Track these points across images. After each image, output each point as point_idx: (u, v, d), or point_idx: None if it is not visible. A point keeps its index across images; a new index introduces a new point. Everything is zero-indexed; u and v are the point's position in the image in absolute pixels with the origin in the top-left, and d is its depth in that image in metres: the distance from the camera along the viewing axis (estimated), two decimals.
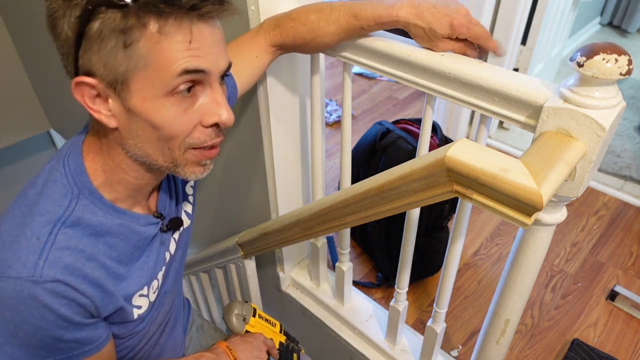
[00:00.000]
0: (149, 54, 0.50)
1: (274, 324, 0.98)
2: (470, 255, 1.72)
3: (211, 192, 1.40)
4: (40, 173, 0.60)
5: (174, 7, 0.49)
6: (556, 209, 0.64)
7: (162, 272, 0.73)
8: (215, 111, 0.56)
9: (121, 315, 0.65)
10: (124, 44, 0.49)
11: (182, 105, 0.54)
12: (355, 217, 0.79)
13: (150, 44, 0.50)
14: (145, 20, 0.49)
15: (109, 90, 0.53)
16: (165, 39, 0.50)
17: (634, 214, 1.86)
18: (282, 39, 0.81)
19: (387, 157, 1.51)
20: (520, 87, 0.61)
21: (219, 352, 0.79)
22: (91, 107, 0.54)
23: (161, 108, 0.53)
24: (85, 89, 0.53)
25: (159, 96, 0.52)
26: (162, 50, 0.50)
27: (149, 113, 0.53)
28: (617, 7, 3.31)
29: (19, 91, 2.15)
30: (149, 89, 0.52)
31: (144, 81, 0.52)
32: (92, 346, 0.61)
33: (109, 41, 0.49)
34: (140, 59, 0.50)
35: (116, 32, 0.49)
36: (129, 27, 0.49)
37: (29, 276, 0.52)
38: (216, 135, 0.59)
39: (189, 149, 0.58)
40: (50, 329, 0.55)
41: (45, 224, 0.55)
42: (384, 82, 2.90)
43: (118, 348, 0.71)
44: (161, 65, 0.51)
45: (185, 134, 0.56)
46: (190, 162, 0.60)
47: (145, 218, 0.67)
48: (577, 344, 1.39)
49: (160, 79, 0.51)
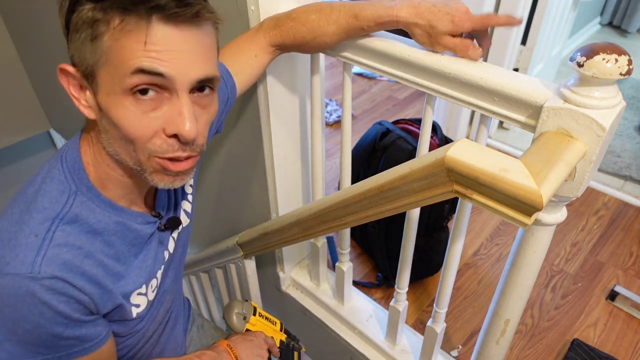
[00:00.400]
0: (110, 49, 0.51)
1: (275, 322, 0.98)
2: (470, 255, 1.72)
3: (211, 192, 1.40)
4: (39, 171, 0.61)
5: (138, 5, 0.49)
6: (556, 209, 0.64)
7: (161, 271, 0.73)
8: (176, 122, 0.54)
9: (120, 313, 0.65)
10: (91, 37, 0.51)
11: (141, 107, 0.53)
12: (355, 217, 0.79)
13: (112, 40, 0.51)
14: (110, 15, 0.50)
15: (85, 82, 0.55)
16: (124, 36, 0.50)
17: (634, 214, 1.86)
18: (281, 39, 0.81)
19: (387, 157, 1.51)
20: (520, 87, 0.61)
21: (220, 351, 0.79)
22: (73, 94, 0.57)
23: (119, 106, 0.53)
24: (70, 78, 0.56)
25: (117, 93, 0.53)
26: (121, 46, 0.51)
27: (110, 109, 0.54)
28: (617, 7, 3.31)
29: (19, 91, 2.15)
30: (110, 85, 0.53)
31: (106, 76, 0.53)
32: (92, 343, 0.61)
33: (81, 32, 0.52)
34: (103, 53, 0.52)
35: (86, 25, 0.51)
36: (95, 20, 0.50)
37: (27, 273, 0.52)
38: (180, 148, 0.56)
39: (153, 156, 0.56)
40: (49, 326, 0.55)
41: (43, 221, 0.55)
42: (384, 82, 2.90)
43: (118, 347, 0.71)
44: (118, 61, 0.51)
45: (144, 138, 0.54)
46: (156, 170, 0.58)
47: (143, 216, 0.66)
48: (577, 344, 1.39)
49: (118, 75, 0.52)
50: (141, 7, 0.49)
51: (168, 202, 0.74)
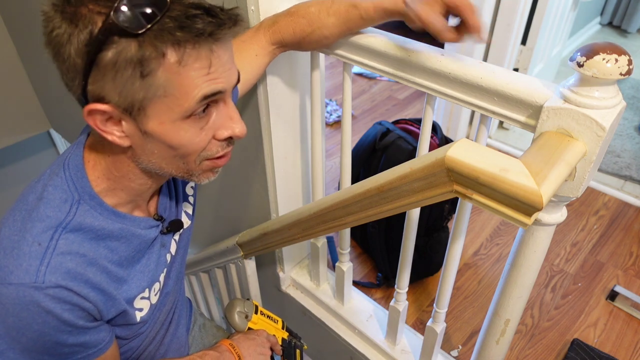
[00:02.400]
0: (169, 83, 0.49)
1: (276, 320, 0.98)
2: (470, 255, 1.72)
3: (211, 192, 1.40)
4: (40, 178, 0.60)
5: (191, 34, 0.47)
6: (556, 209, 0.64)
7: (164, 274, 0.73)
8: (228, 126, 0.57)
9: (124, 318, 0.65)
10: (141, 74, 0.48)
11: (199, 124, 0.55)
12: (355, 217, 0.79)
13: (169, 74, 0.49)
14: (163, 49, 0.47)
15: (124, 115, 0.52)
16: (184, 68, 0.49)
17: (634, 214, 1.86)
18: (281, 35, 0.81)
19: (387, 157, 1.51)
20: (520, 87, 0.61)
21: (222, 350, 0.79)
22: (103, 129, 0.53)
23: (179, 130, 0.54)
24: (101, 116, 0.52)
25: (177, 120, 0.53)
26: (182, 79, 0.50)
27: (167, 136, 0.54)
28: (617, 7, 3.31)
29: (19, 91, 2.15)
30: (167, 114, 0.52)
31: (163, 107, 0.51)
32: (96, 349, 0.61)
33: (124, 71, 0.48)
34: (159, 87, 0.50)
35: (132, 63, 0.47)
36: (146, 58, 0.47)
37: (31, 282, 0.52)
38: (227, 145, 0.60)
39: (204, 160, 0.59)
40: (53, 334, 0.55)
41: (46, 230, 0.55)
42: (384, 82, 2.90)
43: (122, 349, 0.71)
44: (181, 93, 0.50)
45: (200, 149, 0.57)
46: (205, 171, 0.61)
47: (146, 221, 0.66)
48: (577, 344, 1.39)
49: (180, 105, 0.51)
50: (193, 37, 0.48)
51: (169, 205, 0.74)
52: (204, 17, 0.48)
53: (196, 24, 0.47)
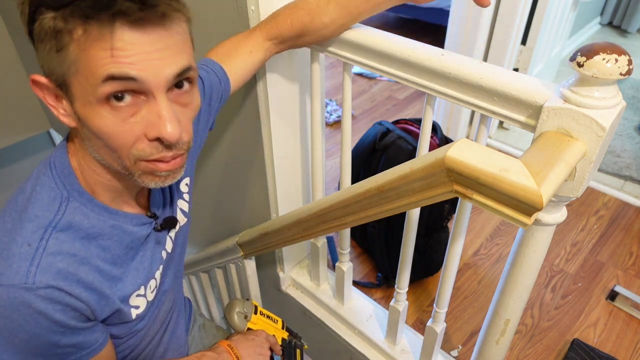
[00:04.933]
0: (77, 59, 0.49)
1: (276, 320, 0.98)
2: (470, 255, 1.72)
3: (211, 192, 1.40)
4: (29, 178, 0.59)
5: (100, 12, 0.46)
6: (556, 209, 0.64)
7: (160, 271, 0.73)
8: (156, 125, 0.52)
9: (119, 316, 0.65)
10: (56, 48, 0.49)
11: (120, 114, 0.51)
12: (355, 217, 0.79)
13: (78, 50, 0.48)
14: (72, 24, 0.47)
15: (60, 91, 0.53)
16: (90, 45, 0.48)
17: (634, 214, 1.86)
18: (278, 30, 0.80)
19: (387, 157, 1.51)
20: (520, 87, 0.61)
21: (221, 351, 0.79)
22: (51, 104, 0.54)
23: (97, 115, 0.51)
24: (44, 88, 0.54)
25: (93, 103, 0.50)
26: (88, 56, 0.48)
27: (88, 119, 0.52)
28: (617, 7, 3.31)
29: (19, 91, 2.15)
30: (84, 95, 0.50)
31: (78, 86, 0.50)
32: (90, 350, 0.61)
33: (46, 43, 0.49)
34: (71, 63, 0.49)
35: (49, 35, 0.48)
36: (58, 31, 0.48)
37: (21, 283, 0.52)
38: (165, 149, 0.54)
39: (139, 160, 0.54)
40: (46, 335, 0.55)
41: (35, 230, 0.54)
42: (384, 82, 2.90)
43: (119, 348, 0.70)
44: (87, 71, 0.49)
45: (127, 145, 0.53)
46: (145, 173, 0.56)
47: (138, 218, 0.66)
48: (577, 344, 1.39)
49: (89, 85, 0.49)
50: (103, 14, 0.46)
51: (163, 201, 0.73)
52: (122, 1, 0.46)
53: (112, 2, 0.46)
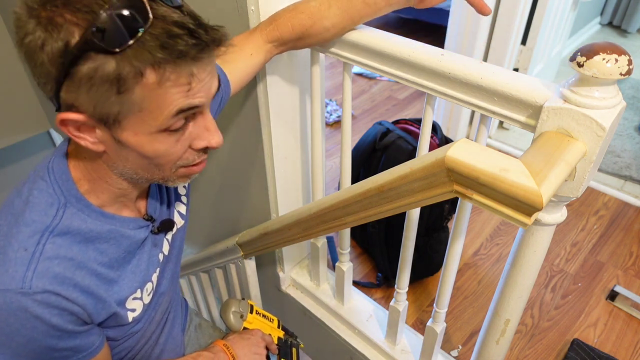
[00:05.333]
0: (145, 100, 0.48)
1: (272, 319, 0.98)
2: (470, 255, 1.72)
3: (211, 192, 1.40)
4: (25, 180, 0.59)
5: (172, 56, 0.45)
6: (556, 209, 0.64)
7: (157, 274, 0.73)
8: (205, 137, 0.57)
9: (115, 319, 0.65)
10: (117, 91, 0.47)
11: (175, 136, 0.54)
12: (355, 217, 0.79)
13: (147, 92, 0.47)
14: (142, 69, 0.46)
15: (98, 124, 0.51)
16: (162, 88, 0.48)
17: (634, 214, 1.86)
18: (279, 33, 0.80)
19: (387, 157, 1.51)
20: (520, 87, 0.61)
21: (217, 351, 0.79)
22: (76, 135, 0.52)
23: (154, 142, 0.53)
24: (75, 123, 0.51)
25: (153, 132, 0.52)
26: (159, 97, 0.48)
27: (141, 147, 0.53)
28: (617, 7, 3.31)
29: (19, 91, 2.15)
30: (142, 127, 0.51)
31: (138, 121, 0.50)
32: (86, 353, 0.61)
33: (100, 86, 0.46)
34: (134, 104, 0.48)
35: (109, 80, 0.46)
36: (123, 77, 0.46)
37: (17, 288, 0.52)
38: (203, 154, 0.60)
39: (180, 167, 0.59)
40: (43, 339, 0.55)
41: (32, 234, 0.54)
42: (384, 82, 2.90)
43: (116, 350, 0.70)
44: (156, 108, 0.49)
45: (176, 159, 0.57)
46: (180, 177, 0.61)
47: (135, 221, 0.66)
48: (577, 344, 1.39)
49: (155, 119, 0.50)
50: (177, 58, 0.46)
51: (160, 204, 0.73)
52: (187, 39, 0.46)
53: (178, 45, 0.45)
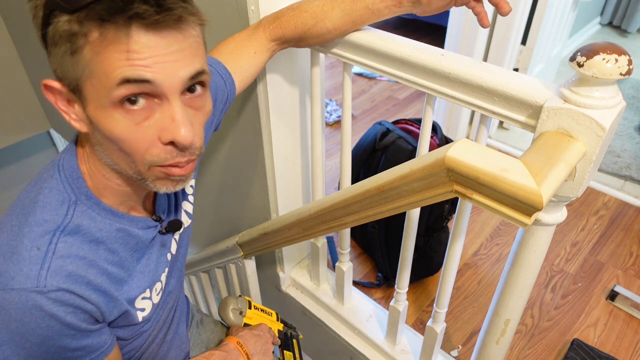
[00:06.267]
0: (92, 62, 0.49)
1: (270, 313, 0.99)
2: (470, 255, 1.72)
3: (211, 192, 1.40)
4: (36, 181, 0.59)
5: (116, 15, 0.46)
6: (556, 209, 0.64)
7: (165, 274, 0.73)
8: (170, 128, 0.52)
9: (126, 319, 0.65)
10: (71, 51, 0.49)
11: (133, 118, 0.51)
12: (355, 217, 0.79)
13: (93, 53, 0.48)
14: (87, 27, 0.47)
15: (72, 95, 0.53)
16: (105, 48, 0.48)
17: (634, 214, 1.86)
18: (282, 31, 0.80)
19: (387, 157, 1.51)
20: (520, 87, 0.61)
21: (230, 349, 0.79)
22: (62, 109, 0.55)
23: (111, 119, 0.51)
24: (56, 93, 0.54)
25: (106, 106, 0.50)
26: (103, 58, 0.48)
27: (101, 123, 0.52)
28: (617, 7, 3.31)
29: (19, 91, 2.15)
30: (97, 98, 0.51)
31: (92, 89, 0.50)
32: (98, 353, 0.61)
33: (60, 46, 0.49)
34: (85, 66, 0.49)
35: (64, 38, 0.49)
36: (73, 34, 0.48)
37: (33, 287, 0.52)
38: (179, 154, 0.54)
39: (153, 166, 0.55)
40: (57, 338, 0.55)
41: (44, 234, 0.54)
42: (384, 82, 2.90)
43: (125, 349, 0.71)
44: (102, 74, 0.49)
45: (141, 149, 0.53)
46: (158, 178, 0.56)
47: (144, 221, 0.66)
48: (577, 344, 1.39)
49: (103, 88, 0.49)
50: (119, 17, 0.46)
51: (168, 204, 0.74)
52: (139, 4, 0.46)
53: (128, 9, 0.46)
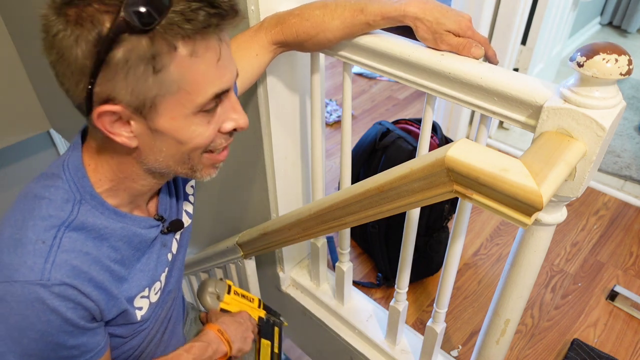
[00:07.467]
0: (181, 78, 0.50)
1: (252, 299, 0.96)
2: (470, 255, 1.72)
3: (211, 192, 1.40)
4: (38, 179, 0.60)
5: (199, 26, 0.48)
6: (556, 209, 0.64)
7: (165, 274, 0.74)
8: (233, 117, 0.59)
9: (125, 317, 0.65)
10: (153, 70, 0.49)
11: (207, 118, 0.56)
12: (355, 217, 0.79)
13: (182, 68, 0.50)
14: (174, 43, 0.48)
15: (134, 115, 0.52)
16: (195, 60, 0.50)
17: (634, 214, 1.86)
18: (284, 36, 0.80)
19: (387, 157, 1.51)
20: (520, 87, 0.61)
21: (211, 338, 0.79)
22: (111, 131, 0.53)
23: (191, 125, 0.55)
24: (107, 116, 0.52)
25: (189, 115, 0.54)
26: (194, 72, 0.51)
27: (177, 131, 0.55)
28: (617, 7, 3.31)
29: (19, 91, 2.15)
30: (179, 109, 0.53)
31: (175, 103, 0.52)
32: (92, 354, 0.61)
33: (136, 69, 0.48)
34: (172, 83, 0.50)
35: (145, 59, 0.48)
36: (158, 54, 0.48)
37: (37, 280, 0.52)
38: (230, 136, 0.61)
39: (204, 153, 0.60)
40: (56, 334, 0.55)
41: (49, 228, 0.55)
42: (384, 82, 2.90)
43: (124, 348, 0.71)
44: (193, 87, 0.52)
45: (208, 143, 0.58)
46: (206, 166, 0.62)
47: (146, 221, 0.67)
48: (577, 344, 1.39)
49: (192, 100, 0.52)
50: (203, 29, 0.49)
51: (170, 205, 0.74)
52: (208, 9, 0.49)
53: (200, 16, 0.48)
